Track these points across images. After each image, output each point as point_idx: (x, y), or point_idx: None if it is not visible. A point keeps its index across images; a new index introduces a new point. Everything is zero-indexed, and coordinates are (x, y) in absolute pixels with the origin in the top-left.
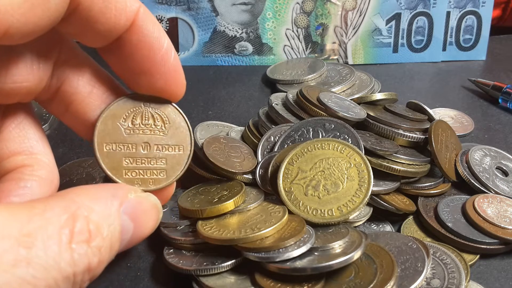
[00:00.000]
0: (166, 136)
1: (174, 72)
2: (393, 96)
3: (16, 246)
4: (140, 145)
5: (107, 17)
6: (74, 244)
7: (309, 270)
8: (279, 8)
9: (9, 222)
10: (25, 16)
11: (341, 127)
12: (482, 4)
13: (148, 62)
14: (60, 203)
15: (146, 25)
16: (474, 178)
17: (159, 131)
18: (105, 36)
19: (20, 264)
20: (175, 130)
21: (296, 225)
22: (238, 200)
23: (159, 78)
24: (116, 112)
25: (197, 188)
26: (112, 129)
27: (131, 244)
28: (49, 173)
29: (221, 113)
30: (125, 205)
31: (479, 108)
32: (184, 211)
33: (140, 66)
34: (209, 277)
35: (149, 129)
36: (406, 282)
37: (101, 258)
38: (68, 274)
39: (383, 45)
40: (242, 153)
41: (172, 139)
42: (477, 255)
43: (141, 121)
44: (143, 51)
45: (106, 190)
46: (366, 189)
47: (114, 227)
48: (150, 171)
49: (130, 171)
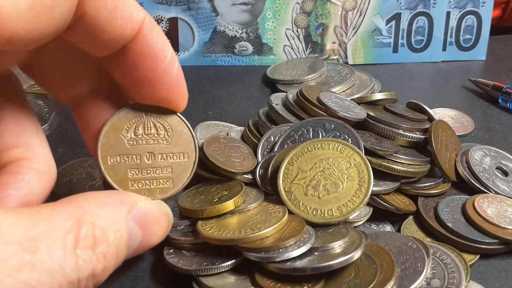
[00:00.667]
0: (170, 145)
1: (177, 83)
2: (393, 96)
3: (21, 250)
4: (145, 155)
5: (113, 26)
6: (79, 249)
7: (309, 270)
8: (279, 8)
9: (14, 226)
10: (30, 23)
11: (341, 127)
12: (482, 4)
13: (152, 72)
14: (66, 208)
15: (151, 35)
16: (474, 178)
17: (162, 140)
18: (111, 45)
19: (24, 269)
20: (178, 137)
21: (296, 225)
22: (238, 200)
23: (162, 88)
24: (118, 124)
25: (197, 188)
26: (115, 141)
27: (139, 251)
28: (47, 166)
29: (221, 113)
30: (133, 212)
31: (479, 108)
32: (184, 211)
33: (143, 76)
34: (209, 277)
35: (152, 138)
36: (406, 282)
37: (106, 265)
38: (73, 279)
39: (383, 45)
40: (242, 153)
41: (176, 147)
42: (477, 255)
43: (144, 131)
44: (147, 61)
45: (115, 196)
46: (366, 189)
47: (121, 234)
48: (156, 181)
49: (136, 182)
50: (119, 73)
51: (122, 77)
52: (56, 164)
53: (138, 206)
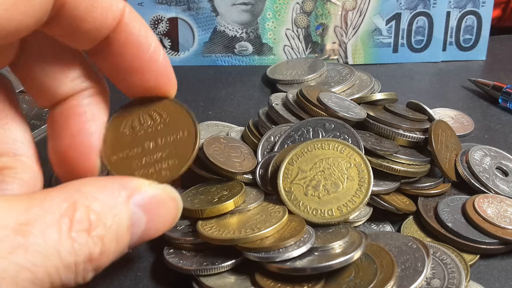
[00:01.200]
0: (168, 126)
1: (164, 69)
2: (393, 96)
3: (12, 234)
4: (145, 143)
5: (94, 16)
6: (74, 232)
7: (309, 270)
8: (279, 8)
9: (6, 212)
10: (9, 12)
11: (341, 127)
12: (482, 4)
13: (138, 60)
14: (62, 193)
15: (133, 23)
16: (474, 178)
17: (159, 125)
18: (93, 36)
19: (17, 251)
20: (174, 118)
21: (296, 225)
22: (238, 200)
23: (150, 76)
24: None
25: (197, 188)
26: (115, 141)
27: (146, 238)
28: (33, 176)
29: (221, 113)
30: (137, 197)
31: (479, 108)
32: (184, 211)
33: (130, 65)
34: (209, 277)
35: (150, 127)
36: (406, 282)
37: (103, 249)
38: (69, 263)
39: (383, 45)
40: (242, 153)
41: (174, 126)
42: (477, 255)
43: (140, 124)
44: (132, 50)
45: (115, 181)
46: (366, 189)
47: (119, 218)
48: (162, 162)
49: (142, 169)
50: (106, 66)
51: (109, 70)
52: None
53: (142, 191)
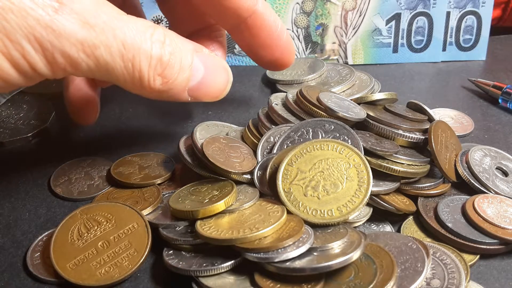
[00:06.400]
0: (116, 224)
1: (287, 45)
2: (393, 96)
3: None
4: (99, 245)
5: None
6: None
7: (308, 270)
8: (279, 8)
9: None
10: None
11: (341, 128)
12: (482, 4)
13: (269, 39)
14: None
15: (266, 10)
16: (474, 178)
17: (107, 226)
18: (234, 17)
19: None
20: (119, 216)
21: (295, 225)
22: (229, 200)
23: (276, 50)
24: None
25: (188, 188)
26: (66, 250)
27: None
28: None
29: (221, 113)
30: (198, 53)
31: (479, 108)
32: (175, 212)
33: (263, 42)
34: (208, 278)
35: (98, 230)
36: (406, 283)
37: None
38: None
39: (383, 45)
40: (242, 153)
41: (122, 222)
42: (477, 255)
43: (87, 230)
44: (265, 32)
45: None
46: (365, 190)
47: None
48: (121, 257)
49: (102, 268)
50: (244, 41)
51: (246, 45)
52: (55, 163)
53: (203, 52)
